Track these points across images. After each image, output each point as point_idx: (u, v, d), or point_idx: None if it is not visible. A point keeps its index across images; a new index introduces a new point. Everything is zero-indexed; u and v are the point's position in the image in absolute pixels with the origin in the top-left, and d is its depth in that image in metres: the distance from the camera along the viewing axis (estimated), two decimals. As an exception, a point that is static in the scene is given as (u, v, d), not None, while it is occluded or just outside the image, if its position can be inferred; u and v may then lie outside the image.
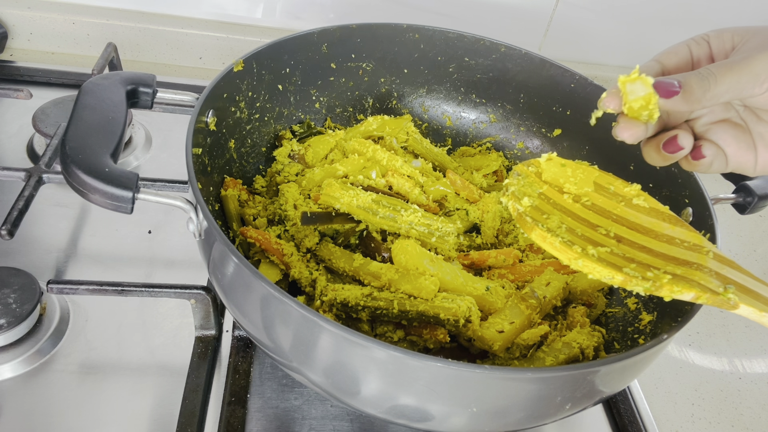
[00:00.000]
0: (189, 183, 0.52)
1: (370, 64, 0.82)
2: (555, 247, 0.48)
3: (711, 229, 0.58)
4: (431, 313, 0.57)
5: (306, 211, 0.65)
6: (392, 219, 0.65)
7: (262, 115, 0.75)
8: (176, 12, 1.09)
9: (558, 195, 0.52)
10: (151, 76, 0.61)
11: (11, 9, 1.03)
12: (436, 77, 0.85)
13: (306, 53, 0.76)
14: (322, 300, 0.59)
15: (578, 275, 0.68)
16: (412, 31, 0.80)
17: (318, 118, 0.82)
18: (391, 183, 0.72)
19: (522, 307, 0.61)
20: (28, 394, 0.60)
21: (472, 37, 0.81)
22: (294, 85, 0.77)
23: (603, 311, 0.68)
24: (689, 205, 0.63)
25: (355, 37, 0.79)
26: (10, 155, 0.85)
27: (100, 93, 0.57)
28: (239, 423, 0.60)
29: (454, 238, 0.64)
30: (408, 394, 0.46)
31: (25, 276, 0.65)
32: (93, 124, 0.53)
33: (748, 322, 0.85)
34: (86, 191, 0.49)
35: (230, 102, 0.68)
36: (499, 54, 0.81)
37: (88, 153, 0.50)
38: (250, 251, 0.65)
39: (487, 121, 0.86)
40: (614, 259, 0.47)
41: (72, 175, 0.49)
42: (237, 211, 0.67)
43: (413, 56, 0.83)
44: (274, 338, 0.49)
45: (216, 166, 0.66)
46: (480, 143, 0.87)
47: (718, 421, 0.72)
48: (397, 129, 0.80)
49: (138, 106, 0.61)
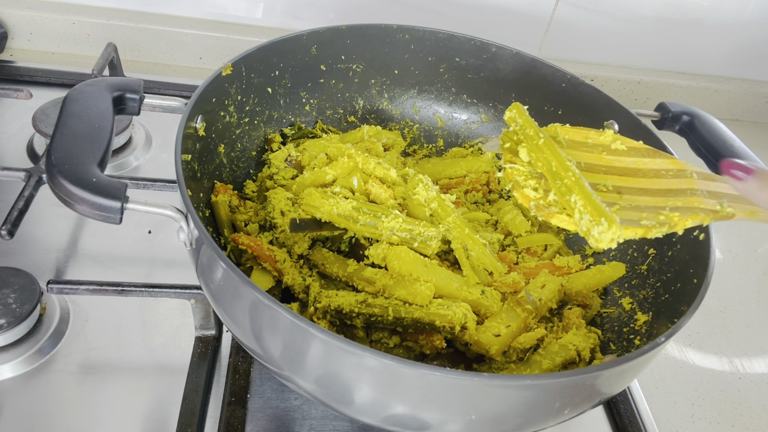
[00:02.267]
0: (179, 191, 0.51)
1: (360, 66, 0.82)
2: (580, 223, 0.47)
3: (706, 230, 0.58)
4: (427, 320, 0.57)
5: (294, 218, 0.64)
6: (373, 226, 0.64)
7: (252, 118, 0.74)
8: (176, 12, 1.09)
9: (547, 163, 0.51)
10: (137, 81, 0.60)
11: (11, 9, 1.03)
12: (427, 78, 0.85)
13: (295, 55, 0.76)
14: (316, 307, 0.59)
15: (573, 276, 0.68)
16: (402, 32, 0.80)
17: (308, 120, 0.82)
18: (369, 191, 0.70)
19: (518, 310, 0.61)
20: (28, 394, 0.60)
21: (463, 37, 0.81)
22: (284, 88, 0.77)
23: (598, 312, 0.68)
24: None
25: (345, 38, 0.78)
26: (10, 155, 0.85)
27: (86, 100, 0.55)
28: (239, 423, 0.60)
29: (436, 242, 0.64)
30: (404, 403, 0.45)
31: (25, 276, 0.65)
32: (79, 133, 0.52)
33: (749, 321, 0.85)
34: (73, 202, 0.47)
35: (219, 106, 0.67)
36: (490, 54, 0.81)
37: (75, 162, 0.48)
38: (243, 258, 0.64)
39: (478, 122, 0.86)
40: (628, 215, 0.47)
41: (58, 186, 0.47)
42: (228, 218, 0.66)
43: (404, 57, 0.82)
44: (265, 346, 0.48)
45: (206, 171, 0.65)
46: (472, 144, 0.87)
47: (718, 421, 0.72)
48: (392, 140, 0.80)
49: (125, 113, 0.60)
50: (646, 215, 0.47)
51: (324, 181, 0.69)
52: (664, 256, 0.65)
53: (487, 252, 0.67)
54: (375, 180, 0.69)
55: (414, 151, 0.87)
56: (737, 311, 0.87)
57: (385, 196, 0.68)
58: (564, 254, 0.73)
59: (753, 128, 1.30)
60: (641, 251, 0.69)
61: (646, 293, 0.65)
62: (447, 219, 0.67)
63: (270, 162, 0.74)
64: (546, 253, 0.73)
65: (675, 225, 0.46)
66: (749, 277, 0.93)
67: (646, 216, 0.47)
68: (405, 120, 0.87)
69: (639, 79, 1.21)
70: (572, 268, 0.70)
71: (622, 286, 0.69)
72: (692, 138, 0.74)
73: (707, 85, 1.25)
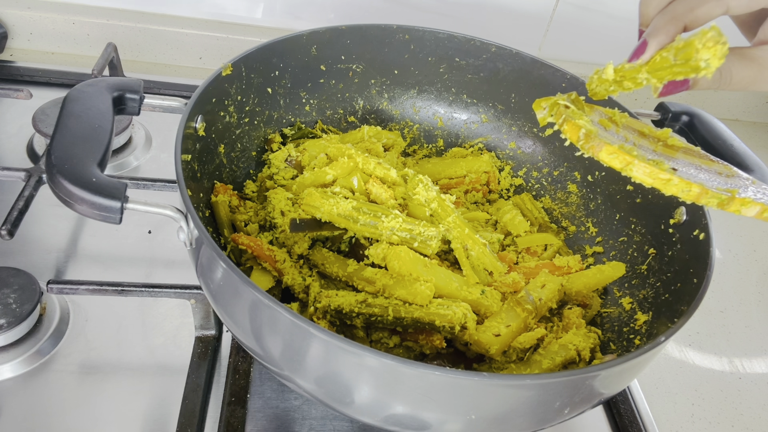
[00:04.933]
0: (179, 191, 0.51)
1: (360, 66, 0.82)
2: (636, 164, 0.45)
3: (705, 229, 0.58)
4: (426, 320, 0.57)
5: (294, 218, 0.65)
6: (373, 226, 0.64)
7: (252, 118, 0.74)
8: (176, 12, 1.09)
9: (605, 123, 0.51)
10: (137, 81, 0.60)
11: (11, 9, 1.03)
12: (427, 78, 0.85)
13: (295, 55, 0.76)
14: (316, 307, 0.59)
15: (573, 276, 0.68)
16: (402, 32, 0.80)
17: (308, 120, 0.82)
18: (369, 191, 0.70)
19: (518, 310, 0.61)
20: (28, 394, 0.60)
21: (463, 37, 0.81)
22: (283, 88, 0.77)
23: (598, 312, 0.68)
24: (682, 204, 0.63)
25: (345, 39, 0.78)
26: (10, 155, 0.85)
27: (86, 101, 0.55)
28: (239, 423, 0.60)
29: (436, 242, 0.63)
30: (404, 403, 0.45)
31: (25, 276, 0.65)
32: (79, 133, 0.52)
33: (749, 321, 0.85)
34: (73, 201, 0.47)
35: (219, 106, 0.67)
36: (490, 54, 0.81)
37: (75, 162, 0.49)
38: (243, 258, 0.64)
39: (478, 122, 0.86)
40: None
41: (58, 186, 0.47)
42: (228, 218, 0.66)
43: (403, 57, 0.82)
44: (265, 346, 0.48)
45: (206, 171, 0.65)
46: (472, 144, 0.87)
47: (718, 421, 0.72)
48: (392, 140, 0.80)
49: (125, 113, 0.60)
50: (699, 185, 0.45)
51: (324, 181, 0.69)
52: (664, 256, 0.65)
53: (486, 252, 0.67)
54: (375, 180, 0.69)
55: (414, 151, 0.87)
56: (737, 311, 0.87)
57: (385, 196, 0.68)
58: (564, 254, 0.73)
59: (753, 128, 1.30)
60: (641, 251, 0.69)
61: (646, 293, 0.65)
62: (447, 219, 0.67)
63: (270, 162, 0.74)
64: (546, 253, 0.73)
65: (731, 200, 0.44)
66: (749, 277, 0.93)
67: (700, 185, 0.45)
68: (405, 120, 0.87)
69: (639, 79, 1.21)
70: (572, 268, 0.70)
71: (622, 286, 0.69)
72: (692, 138, 0.74)
73: (707, 85, 1.25)
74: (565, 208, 0.80)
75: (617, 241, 0.73)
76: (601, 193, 0.77)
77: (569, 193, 0.80)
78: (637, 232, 0.70)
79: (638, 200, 0.71)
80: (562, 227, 0.79)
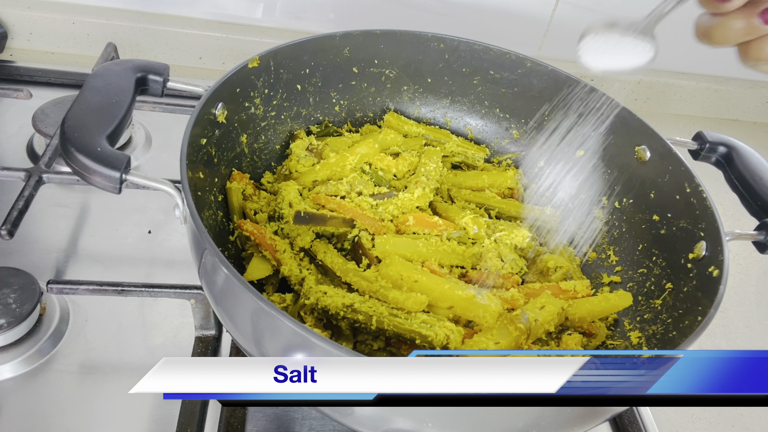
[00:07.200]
0: (180, 167, 0.53)
1: (393, 71, 0.82)
2: None
3: (720, 266, 0.56)
4: (408, 336, 0.56)
5: (300, 211, 0.65)
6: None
7: (279, 113, 0.75)
8: (176, 12, 1.09)
9: None
10: (164, 65, 0.62)
11: (11, 9, 1.03)
12: (460, 89, 0.84)
13: (327, 55, 0.76)
14: (305, 303, 0.59)
15: (577, 301, 0.65)
16: (436, 41, 0.80)
17: (337, 120, 0.82)
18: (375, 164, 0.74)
19: (510, 328, 0.59)
20: (28, 394, 0.60)
21: (499, 50, 0.79)
22: (314, 86, 0.77)
23: (603, 342, 0.65)
24: (704, 239, 0.61)
25: (379, 43, 0.78)
26: (10, 155, 0.85)
27: (108, 77, 0.58)
28: (239, 423, 0.60)
29: None
30: (404, 416, 0.45)
31: (25, 276, 0.65)
32: (94, 106, 0.54)
33: (749, 322, 0.85)
34: (79, 169, 0.50)
35: (244, 97, 0.69)
36: (525, 69, 0.79)
37: (84, 132, 0.51)
38: (246, 245, 0.66)
39: (509, 137, 0.85)
40: None
41: (67, 153, 0.50)
42: (240, 204, 0.67)
43: (438, 66, 0.82)
44: (264, 352, 0.48)
45: (224, 158, 0.67)
46: (500, 159, 0.85)
47: (718, 421, 0.72)
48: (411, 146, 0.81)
49: (148, 93, 0.62)
50: None
51: (343, 165, 0.72)
52: (679, 292, 0.62)
53: None
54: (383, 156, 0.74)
55: None
56: (737, 311, 0.87)
57: (397, 168, 0.74)
58: (577, 278, 0.71)
59: (753, 128, 1.30)
60: (659, 285, 0.66)
61: (656, 329, 0.62)
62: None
63: (291, 150, 0.75)
64: (555, 275, 0.70)
65: None
66: (749, 277, 0.93)
67: None
68: None
69: (639, 78, 1.21)
70: (579, 292, 0.67)
71: (633, 319, 0.66)
72: (729, 172, 0.69)
73: (707, 85, 1.25)
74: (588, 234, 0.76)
75: (636, 273, 0.70)
76: (626, 221, 0.73)
77: (594, 218, 0.77)
78: (657, 265, 0.67)
79: (662, 231, 0.68)
80: (583, 252, 0.75)
